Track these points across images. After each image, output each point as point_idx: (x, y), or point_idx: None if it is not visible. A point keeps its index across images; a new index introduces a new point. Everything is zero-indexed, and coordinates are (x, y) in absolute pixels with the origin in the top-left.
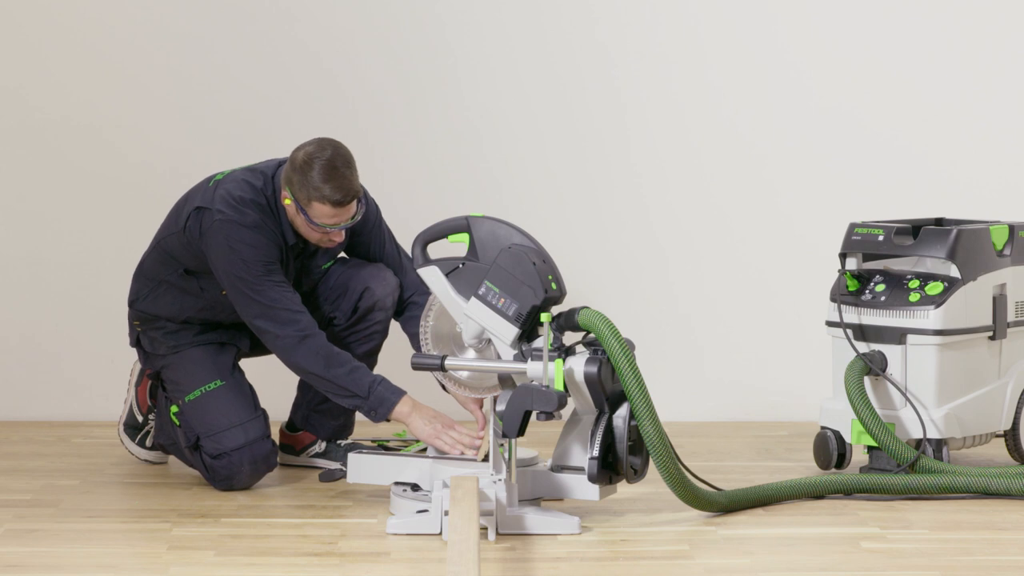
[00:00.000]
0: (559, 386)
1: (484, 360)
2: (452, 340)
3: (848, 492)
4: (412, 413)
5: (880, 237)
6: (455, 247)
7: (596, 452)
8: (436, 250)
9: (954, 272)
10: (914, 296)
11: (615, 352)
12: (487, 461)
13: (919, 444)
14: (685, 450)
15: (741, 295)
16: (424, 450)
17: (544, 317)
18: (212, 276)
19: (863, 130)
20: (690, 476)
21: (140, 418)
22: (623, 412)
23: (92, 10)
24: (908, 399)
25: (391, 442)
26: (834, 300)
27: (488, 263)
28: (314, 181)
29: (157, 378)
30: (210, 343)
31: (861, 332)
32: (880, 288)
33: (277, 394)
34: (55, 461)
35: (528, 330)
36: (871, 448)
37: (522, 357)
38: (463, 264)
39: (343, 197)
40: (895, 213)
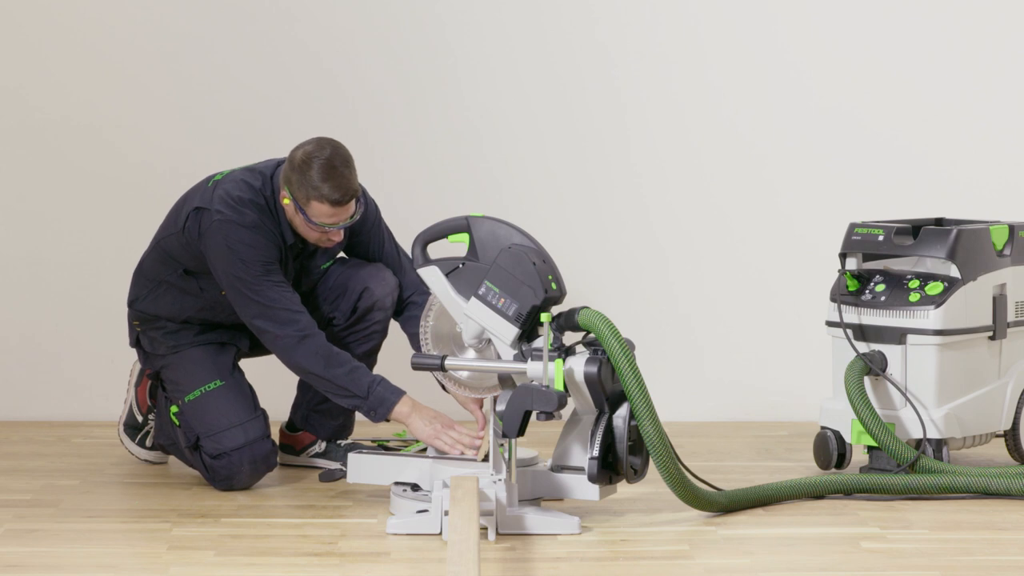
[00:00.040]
0: (559, 386)
1: (484, 360)
2: (452, 340)
3: (848, 492)
4: (412, 413)
5: (880, 237)
6: (455, 247)
7: (596, 452)
8: (436, 250)
9: (954, 272)
10: (914, 296)
11: (615, 352)
12: (487, 461)
13: (919, 444)
14: (685, 450)
15: (741, 295)
16: (424, 450)
17: (544, 317)
18: (211, 276)
19: (863, 130)
20: (690, 476)
21: (140, 418)
22: (623, 412)
23: (92, 10)
24: (908, 399)
25: (391, 442)
26: (834, 300)
27: (488, 263)
28: (313, 180)
29: (157, 378)
30: (210, 343)
31: (861, 332)
32: (880, 288)
33: (277, 394)
34: (55, 461)
35: (528, 330)
36: (871, 448)
37: (522, 357)
38: (463, 264)
39: (342, 196)
40: (895, 213)
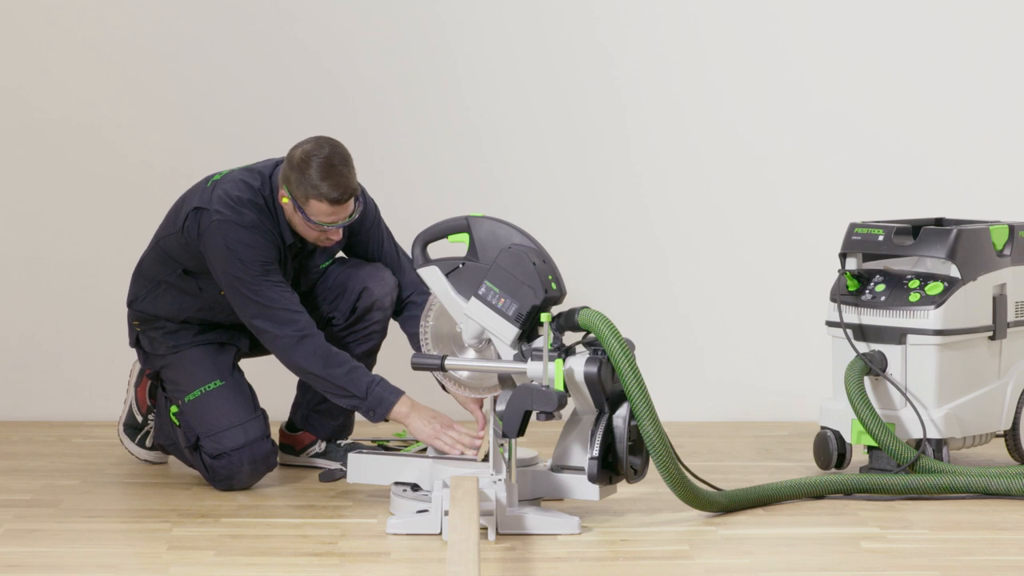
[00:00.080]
0: (559, 386)
1: (484, 360)
2: (452, 340)
3: (848, 492)
4: (411, 413)
5: (880, 237)
6: (455, 247)
7: (596, 452)
8: (436, 250)
9: (954, 272)
10: (914, 296)
11: (615, 352)
12: (487, 461)
13: (919, 444)
14: (685, 450)
15: (741, 295)
16: (424, 450)
17: (544, 317)
18: (211, 276)
19: (863, 130)
20: (690, 476)
21: (140, 418)
22: (623, 412)
23: (92, 10)
24: (908, 399)
25: (391, 442)
26: (834, 300)
27: (488, 263)
28: (311, 179)
29: (157, 378)
30: (209, 343)
31: (861, 332)
32: (880, 288)
33: (277, 394)
34: (55, 461)
35: (528, 330)
36: (871, 448)
37: (522, 357)
38: (463, 264)
39: (340, 195)
40: (895, 213)
